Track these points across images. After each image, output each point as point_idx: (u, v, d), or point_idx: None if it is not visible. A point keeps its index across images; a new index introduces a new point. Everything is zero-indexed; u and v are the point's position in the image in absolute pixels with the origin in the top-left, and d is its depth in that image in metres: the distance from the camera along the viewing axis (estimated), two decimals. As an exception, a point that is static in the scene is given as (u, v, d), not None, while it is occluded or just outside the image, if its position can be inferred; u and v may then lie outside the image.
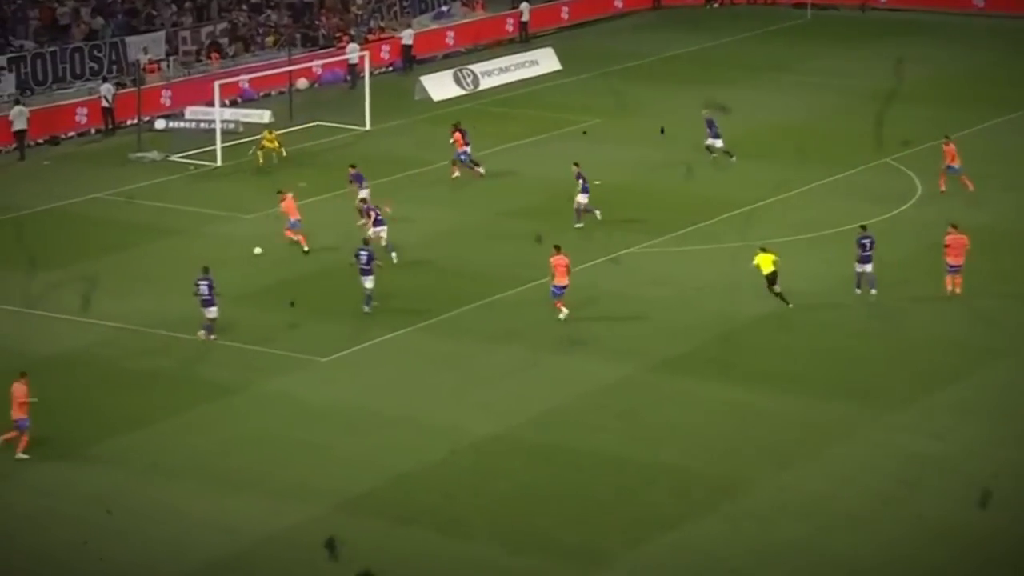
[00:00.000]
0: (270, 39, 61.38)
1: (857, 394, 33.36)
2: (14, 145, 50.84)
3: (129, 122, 53.27)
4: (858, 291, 38.35)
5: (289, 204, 41.59)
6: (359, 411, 32.52)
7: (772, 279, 37.35)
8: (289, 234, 41.33)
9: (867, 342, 36.10)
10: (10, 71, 53.87)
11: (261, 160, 48.42)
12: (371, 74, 55.44)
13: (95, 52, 56.15)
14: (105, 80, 54.75)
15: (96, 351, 35.02)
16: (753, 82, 60.03)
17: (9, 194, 47.18)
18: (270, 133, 49.15)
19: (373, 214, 40.42)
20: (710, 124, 48.99)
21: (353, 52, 58.84)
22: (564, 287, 36.88)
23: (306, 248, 40.89)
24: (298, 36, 61.95)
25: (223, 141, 49.54)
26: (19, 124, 50.71)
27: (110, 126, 53.48)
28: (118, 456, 30.48)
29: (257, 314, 36.80)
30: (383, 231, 40.23)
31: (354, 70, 58.70)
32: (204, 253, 40.97)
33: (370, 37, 62.75)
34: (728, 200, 45.42)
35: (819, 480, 29.69)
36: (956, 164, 45.41)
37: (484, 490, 29.50)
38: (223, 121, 50.57)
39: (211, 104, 51.21)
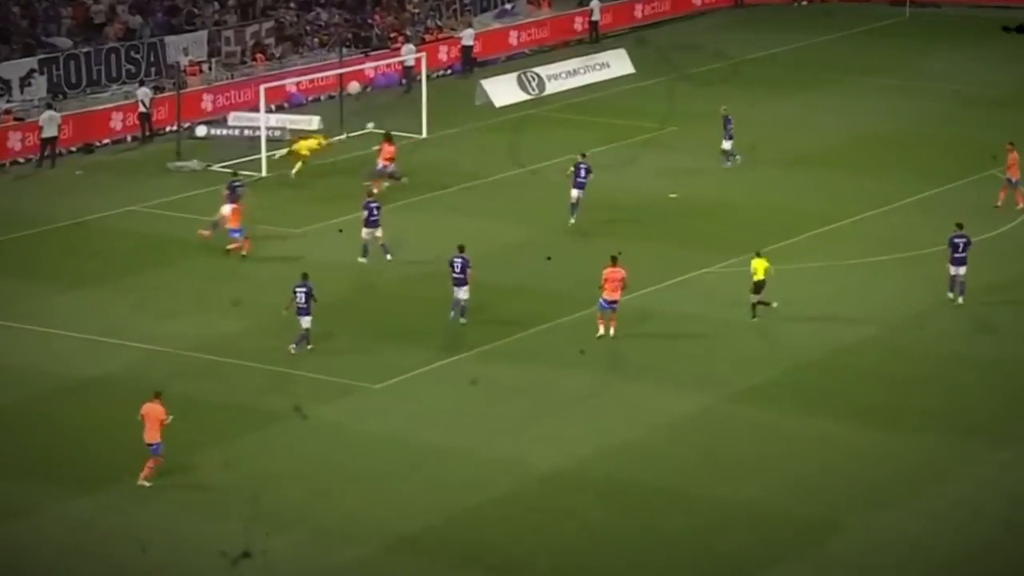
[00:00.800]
0: (319, 39, 61.96)
1: (957, 427, 33.25)
2: (44, 153, 51.49)
3: (168, 129, 53.86)
4: (950, 295, 38.40)
5: (236, 213, 42.18)
6: (414, 442, 32.75)
7: (759, 287, 37.42)
8: (233, 246, 42.14)
9: (969, 369, 35.96)
10: (41, 73, 54.49)
11: (298, 165, 48.56)
12: (428, 77, 55.81)
13: (132, 53, 56.83)
14: (143, 83, 55.34)
15: (132, 375, 35.42)
16: (845, 86, 59.94)
17: (39, 206, 47.76)
18: (309, 139, 49.22)
19: (366, 213, 41.43)
20: (726, 122, 49.01)
21: (409, 53, 59.28)
22: (614, 302, 36.97)
23: (244, 253, 42.10)
24: (350, 36, 62.51)
25: (269, 149, 50.02)
26: (50, 130, 51.26)
27: (147, 133, 54.06)
28: (155, 488, 30.80)
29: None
30: (374, 232, 41.42)
31: (410, 73, 59.14)
32: (249, 271, 41.45)
33: (427, 37, 63.20)
34: (817, 215, 45.43)
35: (915, 522, 29.62)
36: (1010, 175, 45.00)
37: (549, 529, 29.62)
38: (269, 128, 50.97)
39: (256, 109, 51.68)
